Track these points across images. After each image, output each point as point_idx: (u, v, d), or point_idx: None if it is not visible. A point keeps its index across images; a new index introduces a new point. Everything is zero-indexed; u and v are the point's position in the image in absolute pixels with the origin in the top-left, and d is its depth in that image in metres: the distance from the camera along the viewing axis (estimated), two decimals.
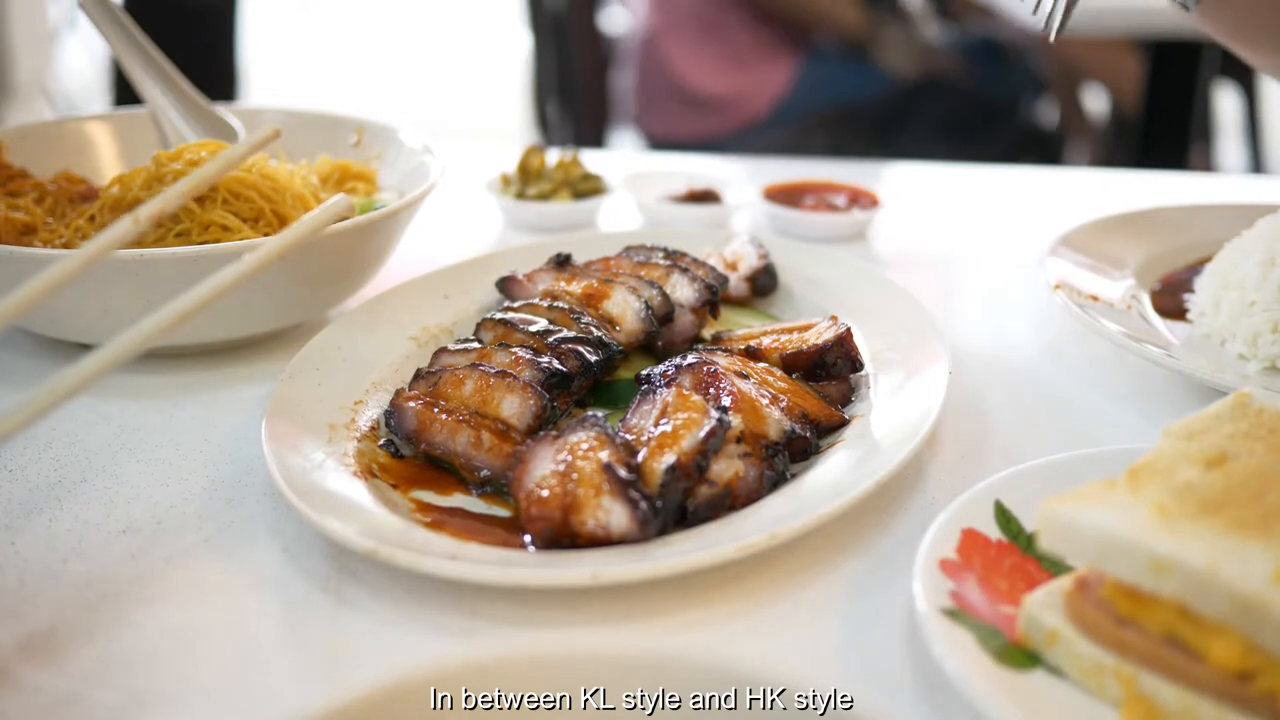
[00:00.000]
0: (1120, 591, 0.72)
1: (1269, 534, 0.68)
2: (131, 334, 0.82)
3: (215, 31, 3.88)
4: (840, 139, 3.23)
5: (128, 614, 0.83)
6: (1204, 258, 1.31)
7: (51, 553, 0.90)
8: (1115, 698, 0.71)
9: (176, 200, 1.00)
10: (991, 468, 0.95)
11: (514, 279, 1.25)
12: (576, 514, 0.86)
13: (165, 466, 1.03)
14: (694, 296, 1.21)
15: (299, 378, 1.06)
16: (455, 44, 8.42)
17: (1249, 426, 0.80)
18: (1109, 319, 1.21)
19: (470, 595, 0.84)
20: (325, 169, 1.46)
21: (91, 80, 5.42)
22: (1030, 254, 1.51)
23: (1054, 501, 0.75)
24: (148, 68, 1.52)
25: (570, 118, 3.56)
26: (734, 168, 2.06)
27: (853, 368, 1.10)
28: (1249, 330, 1.16)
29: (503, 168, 1.74)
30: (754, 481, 0.92)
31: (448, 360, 1.09)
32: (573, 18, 3.41)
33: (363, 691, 0.56)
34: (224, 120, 1.51)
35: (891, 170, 2.11)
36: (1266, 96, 4.28)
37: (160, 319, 0.84)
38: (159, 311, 0.84)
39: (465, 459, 0.97)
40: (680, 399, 0.96)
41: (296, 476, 0.90)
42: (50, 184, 1.36)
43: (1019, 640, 0.76)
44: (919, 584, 0.77)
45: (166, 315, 0.84)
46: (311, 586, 0.86)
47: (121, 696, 0.76)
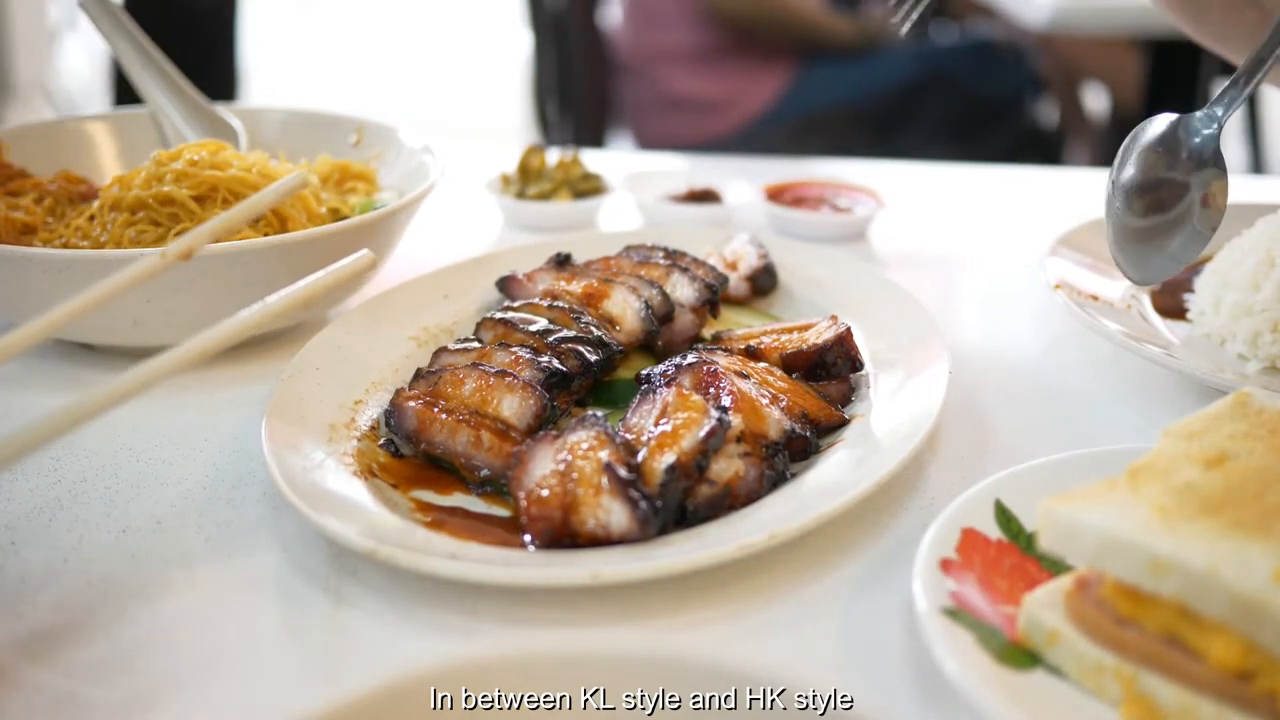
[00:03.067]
0: (1120, 591, 0.72)
1: (1269, 534, 0.68)
2: (150, 366, 0.82)
3: (215, 31, 3.88)
4: (840, 139, 3.23)
5: (128, 614, 0.83)
6: (1204, 258, 1.31)
7: (51, 553, 0.90)
8: (1115, 698, 0.71)
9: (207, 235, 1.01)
10: (991, 468, 0.95)
11: (514, 279, 1.25)
12: (576, 513, 0.86)
13: (165, 466, 1.03)
14: (694, 296, 1.21)
15: (299, 378, 1.06)
16: (455, 44, 8.42)
17: (1249, 426, 0.80)
18: (1109, 319, 1.21)
19: (470, 595, 0.84)
20: (325, 169, 1.46)
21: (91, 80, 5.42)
22: (1030, 254, 1.51)
23: (1054, 501, 0.75)
24: (148, 68, 1.52)
25: (570, 118, 3.56)
26: (734, 168, 2.06)
27: (853, 367, 1.10)
28: (1249, 330, 1.16)
29: (503, 168, 1.74)
30: (754, 481, 0.92)
31: (448, 360, 1.09)
32: (573, 18, 3.41)
33: (363, 691, 0.56)
34: (224, 120, 1.51)
35: (891, 170, 2.11)
36: (1266, 97, 4.28)
37: (178, 355, 0.83)
38: (176, 349, 0.84)
39: (465, 458, 0.97)
40: (680, 399, 0.96)
41: (296, 476, 0.90)
42: (50, 184, 1.36)
43: (1019, 640, 0.76)
44: (919, 584, 0.77)
45: (185, 351, 0.84)
46: (311, 586, 0.86)
47: (121, 696, 0.76)
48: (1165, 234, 1.12)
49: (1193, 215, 1.10)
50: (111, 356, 1.22)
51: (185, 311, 1.12)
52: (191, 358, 0.84)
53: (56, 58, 5.90)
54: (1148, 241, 1.13)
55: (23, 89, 5.44)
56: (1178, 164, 1.11)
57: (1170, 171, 1.12)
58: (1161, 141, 1.13)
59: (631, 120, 3.55)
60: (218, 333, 0.86)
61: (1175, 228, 1.11)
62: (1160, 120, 1.14)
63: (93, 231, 1.23)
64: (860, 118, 3.39)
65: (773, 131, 3.33)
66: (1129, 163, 1.14)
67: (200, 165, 1.23)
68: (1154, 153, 1.13)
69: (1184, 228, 1.11)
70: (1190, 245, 1.11)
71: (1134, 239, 1.13)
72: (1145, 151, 1.13)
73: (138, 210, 1.22)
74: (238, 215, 1.04)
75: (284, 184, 1.08)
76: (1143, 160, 1.13)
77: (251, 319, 0.89)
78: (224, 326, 0.87)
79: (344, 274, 0.98)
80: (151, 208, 1.21)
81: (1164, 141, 1.13)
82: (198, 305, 1.12)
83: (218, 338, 0.86)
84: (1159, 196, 1.12)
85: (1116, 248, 1.14)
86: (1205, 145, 1.11)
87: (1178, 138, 1.12)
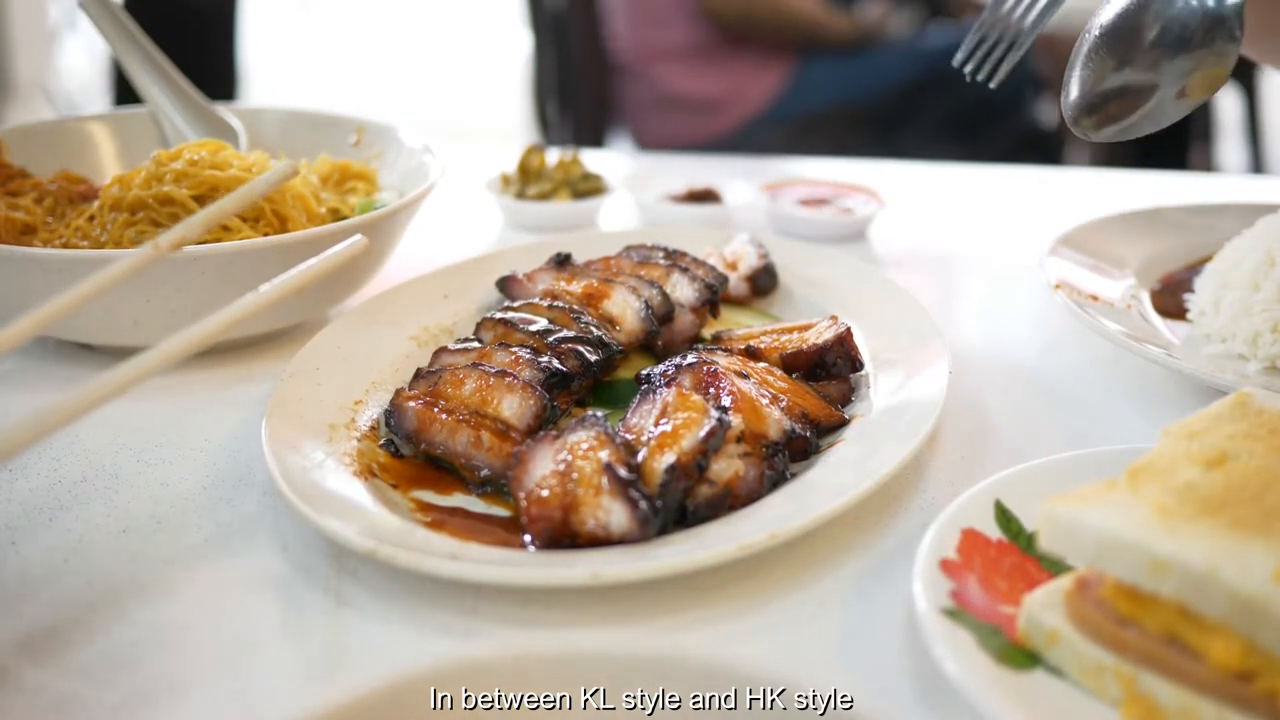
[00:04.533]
0: (1120, 591, 0.72)
1: (1269, 534, 0.68)
2: (141, 360, 0.82)
3: (215, 31, 3.88)
4: (840, 139, 3.23)
5: (128, 614, 0.83)
6: (1204, 258, 1.31)
7: (51, 553, 0.90)
8: (1115, 698, 0.71)
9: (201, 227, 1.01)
10: (991, 468, 0.95)
11: (514, 279, 1.25)
12: (576, 513, 0.86)
13: (165, 466, 1.03)
14: (694, 296, 1.21)
15: (299, 378, 1.06)
16: (455, 44, 8.42)
17: (1249, 426, 0.80)
18: (1109, 319, 1.21)
19: (470, 595, 0.84)
20: (325, 169, 1.46)
21: (91, 80, 5.42)
22: (1030, 254, 1.51)
23: (1054, 501, 0.75)
24: (148, 68, 1.52)
25: (570, 118, 3.56)
26: (734, 167, 2.06)
27: (853, 367, 1.10)
28: (1249, 330, 1.16)
29: (503, 168, 1.74)
30: (754, 481, 0.92)
31: (448, 360, 1.09)
32: (573, 18, 3.41)
33: (363, 691, 0.56)
34: (224, 120, 1.51)
35: (891, 170, 2.11)
36: (1267, 96, 4.28)
37: (172, 348, 0.83)
38: (168, 340, 0.84)
39: (465, 459, 0.97)
40: (680, 399, 0.96)
41: (296, 476, 0.90)
42: (50, 184, 1.36)
43: (1019, 640, 0.76)
44: (919, 584, 0.77)
45: (180, 343, 0.84)
46: (311, 586, 0.86)
47: (121, 696, 0.76)
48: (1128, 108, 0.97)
49: (1163, 109, 0.95)
50: (111, 356, 1.22)
51: (185, 312, 1.12)
52: (187, 349, 0.84)
53: (56, 58, 5.91)
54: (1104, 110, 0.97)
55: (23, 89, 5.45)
56: (1141, 52, 0.93)
57: (1128, 68, 0.94)
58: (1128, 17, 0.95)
59: (631, 120, 3.55)
60: (213, 322, 0.86)
61: (1136, 105, 0.96)
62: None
63: (93, 231, 1.23)
64: (860, 117, 3.39)
65: (772, 131, 3.33)
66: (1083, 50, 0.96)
67: (200, 165, 1.23)
68: (1112, 45, 0.95)
69: (1145, 109, 0.95)
70: (1157, 116, 0.95)
71: (1097, 99, 0.97)
72: (1103, 40, 0.95)
73: (138, 210, 1.22)
74: (229, 205, 1.04)
75: (274, 174, 1.08)
76: (1097, 56, 0.96)
77: (246, 308, 0.89)
78: (218, 316, 0.87)
79: (337, 260, 0.98)
80: (151, 208, 1.21)
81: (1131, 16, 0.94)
82: (198, 305, 1.12)
83: (212, 328, 0.86)
84: (1114, 105, 0.97)
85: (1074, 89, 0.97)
86: (1198, 16, 0.91)
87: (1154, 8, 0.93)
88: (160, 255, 0.96)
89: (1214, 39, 0.91)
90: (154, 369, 0.81)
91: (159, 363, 0.82)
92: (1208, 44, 0.91)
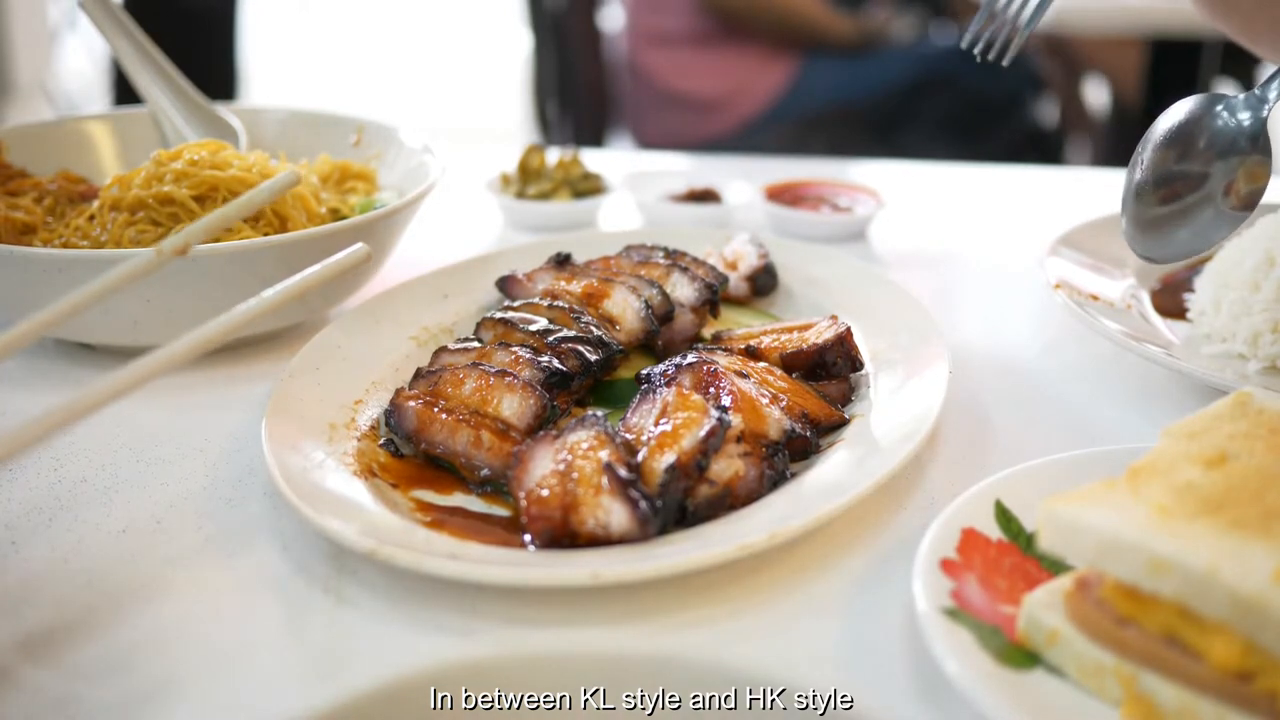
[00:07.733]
0: (1120, 591, 0.72)
1: (1269, 534, 0.68)
2: (147, 362, 0.82)
3: (215, 31, 3.88)
4: (840, 139, 3.23)
5: (127, 614, 0.83)
6: (1204, 258, 1.31)
7: (51, 553, 0.90)
8: (1115, 697, 0.71)
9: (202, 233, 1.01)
10: (991, 468, 0.95)
11: (514, 278, 1.25)
12: (576, 513, 0.86)
13: (165, 466, 1.03)
14: (694, 296, 1.21)
15: (299, 378, 1.06)
16: (455, 44, 8.41)
17: (1249, 426, 0.80)
18: (1109, 318, 1.21)
19: (470, 595, 0.84)
20: (325, 169, 1.46)
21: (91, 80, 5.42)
22: (1030, 254, 1.51)
23: (1054, 501, 0.75)
24: (148, 67, 1.52)
25: (570, 117, 3.56)
26: (734, 167, 2.06)
27: (853, 367, 1.10)
28: (1249, 330, 1.16)
29: (503, 167, 1.74)
30: (754, 481, 0.92)
31: (448, 359, 1.09)
32: (573, 18, 3.41)
33: (363, 691, 0.56)
34: (224, 120, 1.51)
35: (891, 170, 2.11)
36: None
37: (175, 350, 0.83)
38: (170, 345, 0.84)
39: (465, 458, 0.97)
40: (680, 398, 0.96)
41: (296, 476, 0.90)
42: (50, 184, 1.36)
43: (1019, 640, 0.76)
44: (919, 583, 0.77)
45: (183, 347, 0.84)
46: (311, 586, 0.86)
47: (121, 696, 0.76)
48: (1176, 222, 1.10)
49: (1214, 202, 1.08)
50: (111, 357, 1.22)
51: (185, 312, 1.12)
52: (189, 352, 0.84)
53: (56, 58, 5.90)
54: (1160, 227, 1.11)
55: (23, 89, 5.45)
56: (1195, 153, 1.09)
57: (1185, 162, 1.09)
58: (1183, 129, 1.10)
59: (631, 120, 3.55)
60: (214, 327, 0.86)
61: (1187, 215, 1.09)
62: (1191, 103, 1.12)
63: (92, 231, 1.23)
64: (860, 117, 3.39)
65: (773, 130, 3.33)
66: (1147, 151, 1.11)
67: (200, 165, 1.23)
68: (1171, 144, 1.10)
69: (1199, 215, 1.09)
70: (1210, 230, 1.08)
71: (1147, 226, 1.11)
72: (1163, 142, 1.11)
73: (138, 210, 1.22)
74: (231, 212, 1.04)
75: (277, 182, 1.08)
76: (1158, 152, 1.11)
77: (248, 313, 0.89)
78: (220, 321, 0.87)
79: (339, 267, 0.98)
80: (151, 207, 1.21)
81: (1186, 128, 1.10)
82: (197, 305, 1.12)
83: (214, 332, 0.86)
84: (1173, 188, 1.10)
85: (1129, 230, 1.12)
86: (1240, 131, 1.08)
87: (1203, 123, 1.09)
88: (163, 261, 0.96)
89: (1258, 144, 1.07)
90: (155, 373, 0.81)
91: (160, 367, 0.82)
92: (1253, 148, 1.07)
